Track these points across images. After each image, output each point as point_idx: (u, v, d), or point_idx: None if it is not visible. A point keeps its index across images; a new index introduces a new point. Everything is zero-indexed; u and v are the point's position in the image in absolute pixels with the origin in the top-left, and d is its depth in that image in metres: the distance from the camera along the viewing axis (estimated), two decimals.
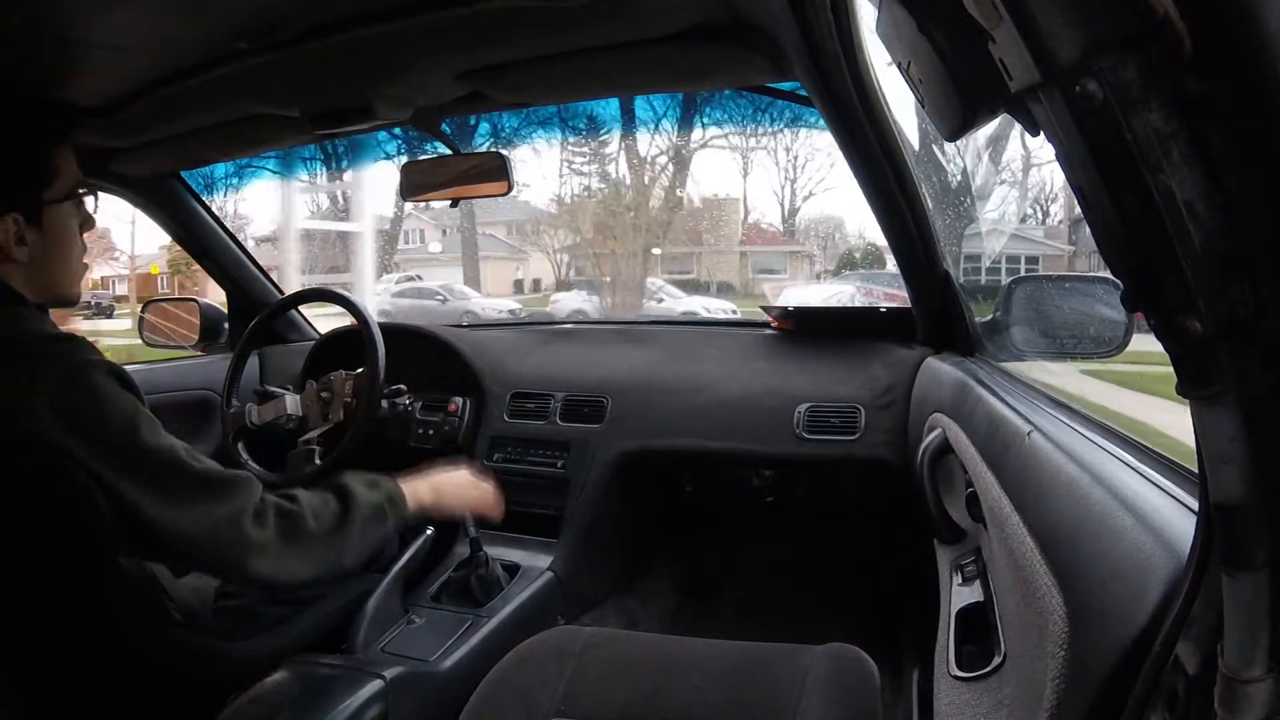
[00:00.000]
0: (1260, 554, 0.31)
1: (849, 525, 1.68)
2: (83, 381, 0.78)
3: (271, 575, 0.84)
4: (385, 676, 0.97)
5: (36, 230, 0.84)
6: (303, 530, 0.86)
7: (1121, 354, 1.05)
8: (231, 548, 0.81)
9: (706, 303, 12.02)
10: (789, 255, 16.21)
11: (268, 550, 0.83)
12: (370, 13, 0.90)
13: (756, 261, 15.73)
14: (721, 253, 15.52)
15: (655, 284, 12.79)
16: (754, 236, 16.29)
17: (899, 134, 1.07)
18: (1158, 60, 0.26)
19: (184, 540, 0.80)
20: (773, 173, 17.73)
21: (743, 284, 15.18)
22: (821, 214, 16.70)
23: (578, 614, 1.43)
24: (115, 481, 0.77)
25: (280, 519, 0.85)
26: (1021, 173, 9.71)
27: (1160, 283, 0.28)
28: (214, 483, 0.83)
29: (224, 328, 1.89)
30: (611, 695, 0.89)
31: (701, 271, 15.43)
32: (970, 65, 0.34)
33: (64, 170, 0.87)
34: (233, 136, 1.35)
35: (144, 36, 0.93)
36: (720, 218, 15.62)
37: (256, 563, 0.83)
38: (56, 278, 0.88)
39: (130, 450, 0.78)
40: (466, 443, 1.52)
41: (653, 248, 11.80)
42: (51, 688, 0.86)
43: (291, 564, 0.85)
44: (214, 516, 0.81)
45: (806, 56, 0.90)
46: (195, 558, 0.84)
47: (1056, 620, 0.52)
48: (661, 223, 12.55)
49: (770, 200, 22.83)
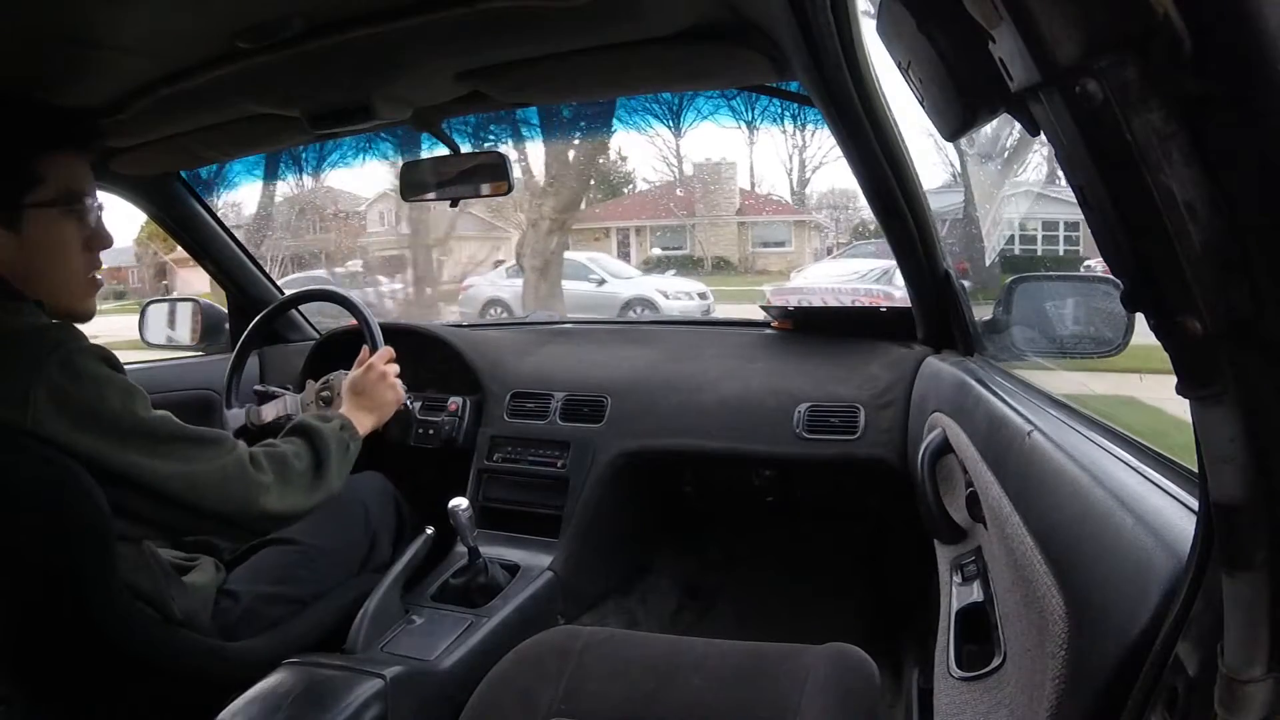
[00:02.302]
0: (1260, 554, 0.31)
1: (849, 525, 1.68)
2: (78, 369, 0.79)
3: (280, 511, 0.92)
4: (385, 676, 0.97)
5: (13, 234, 0.83)
6: (292, 469, 0.95)
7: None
8: (244, 487, 0.89)
9: (664, 283, 9.86)
10: (794, 226, 14.41)
11: (271, 489, 0.91)
12: (370, 13, 0.90)
13: (757, 234, 14.19)
14: (717, 225, 13.88)
15: (585, 260, 9.91)
16: (754, 205, 14.43)
17: (899, 134, 1.07)
18: (1158, 60, 0.26)
19: (198, 488, 0.86)
20: (779, 140, 15.55)
21: (741, 259, 13.68)
22: (833, 188, 14.97)
23: (578, 614, 1.42)
24: (121, 457, 0.81)
25: (271, 461, 0.94)
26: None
27: (1160, 283, 0.28)
28: (210, 439, 0.89)
29: (224, 328, 1.89)
30: (612, 695, 0.89)
31: (695, 246, 13.97)
32: (970, 65, 0.34)
33: (50, 177, 0.86)
34: (233, 136, 1.35)
35: (144, 36, 0.92)
36: (714, 185, 13.93)
37: (266, 499, 0.90)
38: (44, 286, 0.86)
39: (133, 425, 0.82)
40: (466, 442, 1.52)
41: (571, 211, 8.59)
42: (52, 687, 0.87)
43: (293, 498, 0.94)
44: (221, 462, 0.88)
45: (806, 56, 0.90)
46: (209, 507, 0.88)
47: (1056, 620, 0.52)
48: (577, 179, 8.82)
49: (774, 166, 21.07)
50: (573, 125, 4.10)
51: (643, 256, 14.19)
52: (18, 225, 0.84)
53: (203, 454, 0.87)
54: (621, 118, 3.69)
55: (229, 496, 0.88)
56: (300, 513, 0.96)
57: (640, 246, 14.53)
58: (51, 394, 0.76)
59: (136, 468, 0.82)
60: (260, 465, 0.92)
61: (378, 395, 1.20)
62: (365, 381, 1.20)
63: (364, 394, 1.19)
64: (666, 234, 14.54)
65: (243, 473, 0.89)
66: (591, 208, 13.95)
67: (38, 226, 0.85)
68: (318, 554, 1.14)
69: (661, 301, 8.94)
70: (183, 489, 0.85)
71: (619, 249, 14.44)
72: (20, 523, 0.78)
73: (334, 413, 1.10)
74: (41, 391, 0.76)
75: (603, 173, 14.00)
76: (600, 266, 9.98)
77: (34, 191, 0.84)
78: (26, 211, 0.84)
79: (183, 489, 0.85)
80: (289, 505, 0.93)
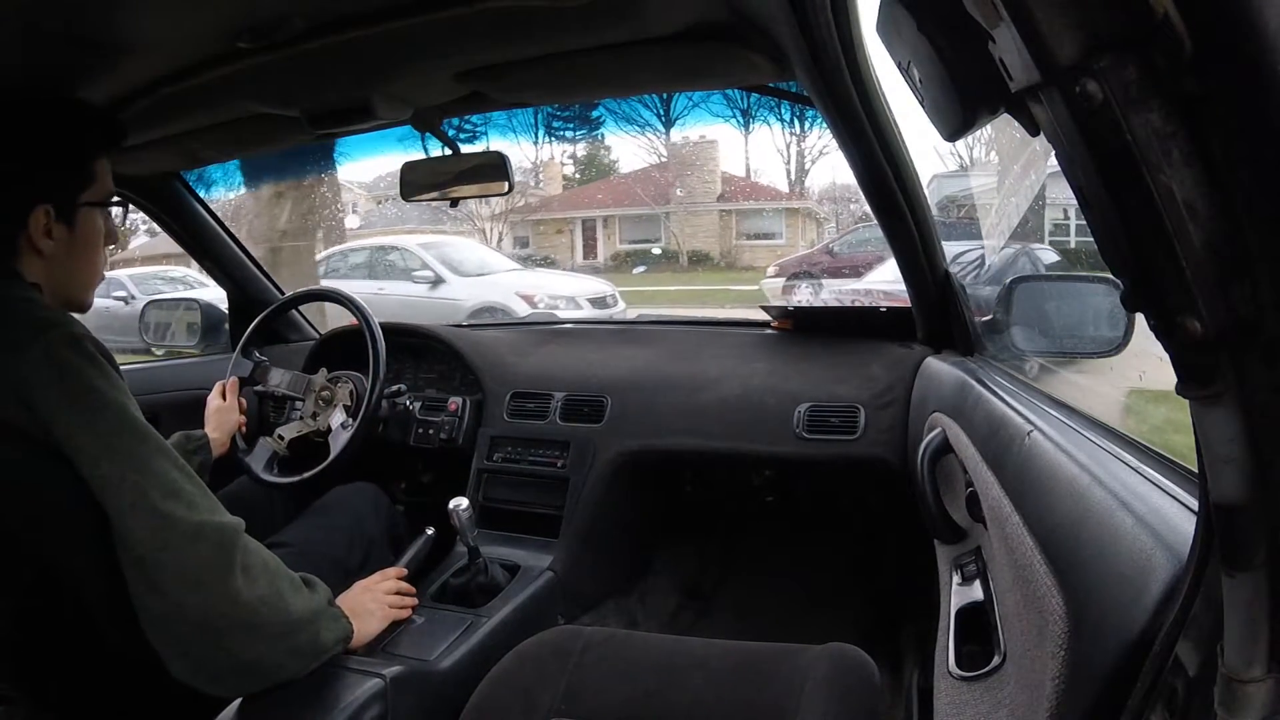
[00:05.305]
0: (1260, 554, 0.31)
1: (849, 525, 1.68)
2: (87, 352, 0.79)
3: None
4: (385, 676, 0.97)
5: (66, 228, 0.86)
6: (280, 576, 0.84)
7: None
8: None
9: (543, 282, 7.17)
10: (786, 214, 12.25)
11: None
12: (370, 13, 0.90)
13: (744, 225, 12.10)
14: (695, 213, 11.76)
15: (416, 250, 7.24)
16: (739, 190, 12.16)
17: (899, 134, 1.07)
18: (1158, 60, 0.26)
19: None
20: (775, 127, 13.31)
21: (724, 252, 11.66)
22: (833, 182, 12.75)
23: (578, 614, 1.42)
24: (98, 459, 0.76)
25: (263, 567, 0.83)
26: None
27: (1160, 283, 0.28)
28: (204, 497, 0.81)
29: (224, 328, 1.90)
30: (612, 695, 0.89)
31: (669, 238, 11.90)
32: (970, 65, 0.34)
33: (101, 178, 0.90)
34: (233, 136, 1.35)
35: (144, 36, 0.93)
36: (691, 168, 11.72)
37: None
38: (74, 279, 0.90)
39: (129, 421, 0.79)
40: (466, 442, 1.52)
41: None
42: (53, 687, 0.86)
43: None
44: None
45: (806, 56, 0.90)
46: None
47: (1056, 620, 0.52)
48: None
49: (769, 154, 18.28)
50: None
51: (610, 251, 12.56)
52: (73, 223, 0.87)
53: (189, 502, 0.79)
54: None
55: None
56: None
57: (609, 239, 12.83)
58: (51, 375, 0.76)
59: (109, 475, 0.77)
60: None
61: (381, 610, 1.08)
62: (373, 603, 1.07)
63: (373, 613, 1.06)
64: (633, 225, 12.52)
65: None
66: (550, 198, 12.35)
67: (87, 224, 0.89)
68: (320, 559, 1.14)
69: (522, 310, 6.31)
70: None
71: (585, 243, 12.72)
72: (19, 520, 0.78)
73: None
74: (43, 373, 0.76)
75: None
76: (444, 260, 7.15)
77: (89, 190, 0.88)
78: (80, 210, 0.88)
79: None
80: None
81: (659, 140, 12.84)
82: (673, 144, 12.40)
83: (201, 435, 1.30)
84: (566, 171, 14.28)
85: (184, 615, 0.77)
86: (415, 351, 1.68)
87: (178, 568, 0.76)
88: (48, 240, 0.85)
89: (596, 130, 11.12)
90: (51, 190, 0.85)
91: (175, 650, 0.79)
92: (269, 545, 0.90)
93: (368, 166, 21.38)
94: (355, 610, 0.99)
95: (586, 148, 14.00)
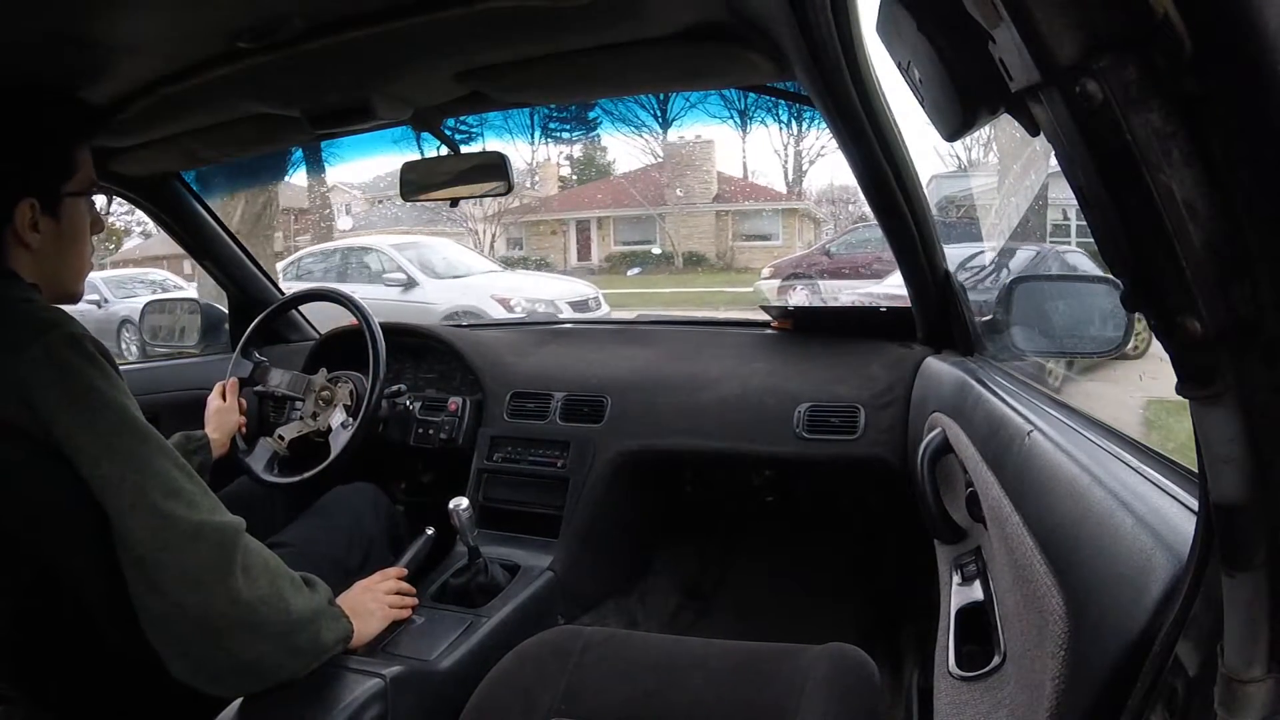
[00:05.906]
0: (1260, 554, 0.31)
1: (849, 525, 1.68)
2: (87, 351, 0.78)
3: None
4: (385, 676, 0.96)
5: (52, 220, 0.86)
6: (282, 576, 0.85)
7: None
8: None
9: (521, 285, 6.91)
10: (783, 215, 12.06)
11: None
12: (370, 13, 0.90)
13: (741, 226, 11.97)
14: (691, 214, 11.61)
15: (389, 250, 7.04)
16: (736, 191, 12.12)
17: (899, 134, 1.07)
18: (1158, 60, 0.26)
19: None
20: (773, 127, 12.95)
21: (720, 253, 11.53)
22: (831, 183, 12.48)
23: (578, 614, 1.42)
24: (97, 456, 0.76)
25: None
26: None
27: (1160, 283, 0.28)
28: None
29: (224, 328, 1.89)
30: (612, 695, 0.89)
31: (664, 240, 11.77)
32: (970, 65, 0.34)
33: (83, 166, 0.89)
34: (233, 136, 1.35)
35: (144, 36, 0.93)
36: (687, 168, 11.56)
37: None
38: (64, 271, 0.89)
39: (120, 435, 0.78)
40: (466, 442, 1.52)
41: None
42: (53, 687, 0.86)
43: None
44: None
45: (806, 56, 0.90)
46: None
47: (1056, 620, 0.52)
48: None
49: (767, 155, 18.19)
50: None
51: (605, 252, 12.42)
52: (58, 214, 0.87)
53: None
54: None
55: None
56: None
57: (603, 240, 12.77)
58: (51, 375, 0.75)
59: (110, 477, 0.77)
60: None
61: (382, 610, 1.08)
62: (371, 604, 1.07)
63: (371, 615, 1.05)
64: (628, 226, 12.42)
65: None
66: (545, 199, 12.20)
67: (72, 215, 0.88)
68: (320, 559, 1.14)
69: (498, 314, 6.07)
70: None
71: (579, 245, 12.67)
72: (19, 521, 0.78)
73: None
74: (43, 373, 0.75)
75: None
76: (419, 262, 6.92)
77: (72, 180, 0.88)
78: (64, 200, 0.87)
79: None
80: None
81: (655, 141, 12.78)
82: (669, 144, 12.37)
83: (201, 435, 1.30)
84: (563, 173, 14.24)
85: (184, 615, 0.77)
86: (415, 351, 1.68)
87: (178, 567, 0.76)
88: (34, 234, 0.84)
89: (593, 131, 11.04)
90: (34, 183, 0.84)
91: (175, 650, 0.79)
92: (269, 545, 0.90)
93: (367, 167, 21.42)
94: (355, 610, 0.99)
95: (583, 148, 13.96)
